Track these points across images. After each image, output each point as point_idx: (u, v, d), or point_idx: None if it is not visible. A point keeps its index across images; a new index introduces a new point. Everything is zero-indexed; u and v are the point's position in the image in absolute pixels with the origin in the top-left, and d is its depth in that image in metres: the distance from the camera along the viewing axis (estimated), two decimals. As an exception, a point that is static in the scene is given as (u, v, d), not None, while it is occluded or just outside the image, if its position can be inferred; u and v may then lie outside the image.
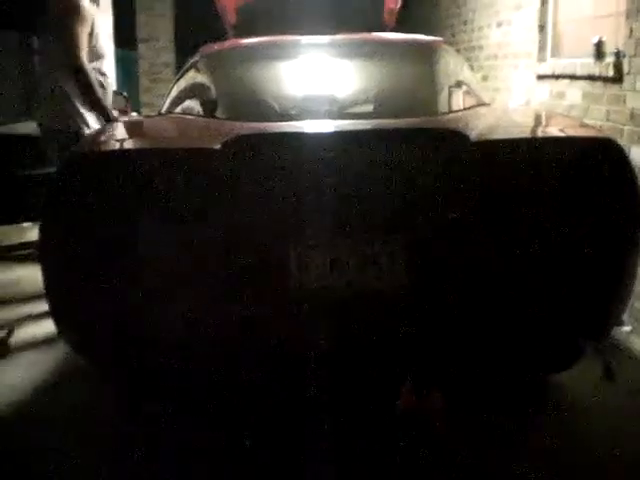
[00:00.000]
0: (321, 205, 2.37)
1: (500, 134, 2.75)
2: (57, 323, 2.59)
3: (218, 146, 2.41)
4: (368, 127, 2.77)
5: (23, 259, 5.13)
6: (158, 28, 9.96)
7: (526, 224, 2.46)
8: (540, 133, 2.98)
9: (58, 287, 2.51)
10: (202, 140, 2.69)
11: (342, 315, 2.44)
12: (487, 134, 2.65)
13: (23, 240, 5.50)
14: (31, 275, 4.26)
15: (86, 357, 2.73)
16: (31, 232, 5.24)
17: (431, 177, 2.43)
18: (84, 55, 3.90)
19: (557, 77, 5.03)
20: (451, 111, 3.20)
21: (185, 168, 2.40)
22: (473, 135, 2.53)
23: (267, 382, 2.57)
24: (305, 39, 3.74)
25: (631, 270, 2.62)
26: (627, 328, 3.80)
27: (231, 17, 5.49)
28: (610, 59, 4.20)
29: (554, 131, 3.00)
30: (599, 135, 2.75)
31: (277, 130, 2.71)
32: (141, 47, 10.12)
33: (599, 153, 2.52)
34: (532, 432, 2.78)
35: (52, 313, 2.56)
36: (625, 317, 3.71)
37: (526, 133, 2.88)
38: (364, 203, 2.39)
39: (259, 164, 2.39)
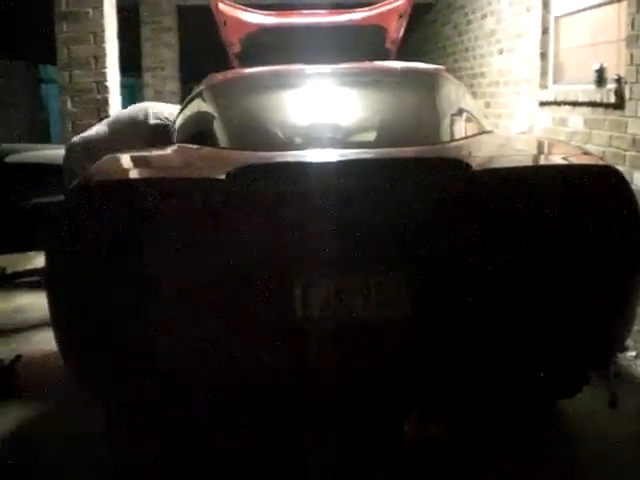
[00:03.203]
0: (325, 235, 2.38)
1: (502, 163, 2.77)
2: (62, 351, 2.60)
3: (222, 176, 2.43)
4: (371, 157, 2.78)
5: (29, 287, 5.16)
6: (164, 57, 10.08)
7: (528, 252, 2.46)
8: (541, 161, 2.99)
9: (64, 315, 2.53)
10: (206, 170, 2.72)
11: (346, 346, 2.44)
12: (489, 163, 2.67)
13: (29, 267, 5.53)
14: (36, 303, 4.29)
15: (89, 389, 2.74)
16: (37, 260, 5.26)
17: (434, 207, 2.44)
18: None
19: (559, 103, 5.07)
20: (453, 139, 3.22)
21: (189, 198, 2.42)
22: (475, 164, 2.55)
23: (271, 414, 2.57)
24: (308, 68, 3.77)
25: (634, 296, 2.62)
26: (631, 353, 3.80)
27: (235, 47, 5.54)
28: (611, 85, 4.24)
29: (555, 159, 3.02)
30: (599, 163, 2.77)
31: (280, 160, 2.74)
32: (147, 76, 10.23)
33: (600, 181, 2.53)
34: (533, 461, 2.77)
35: (57, 341, 2.58)
36: (629, 342, 3.71)
37: (528, 162, 2.89)
38: (367, 233, 2.40)
39: (263, 194, 2.41)
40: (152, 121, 4.20)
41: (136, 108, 4.48)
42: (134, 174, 2.90)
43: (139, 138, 4.06)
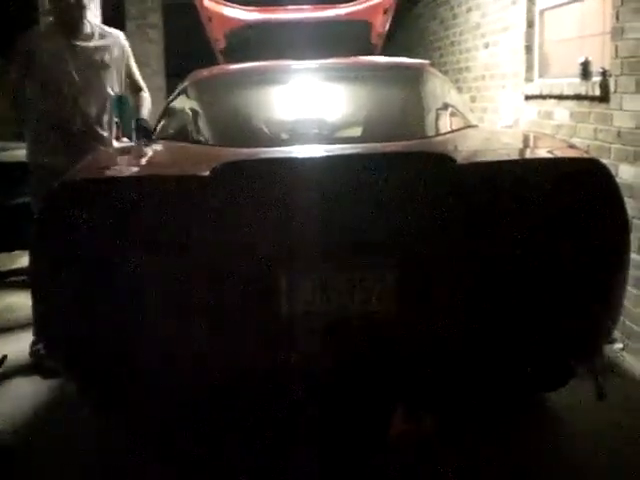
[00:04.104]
0: (310, 230, 2.37)
1: (487, 157, 2.77)
2: (46, 348, 2.59)
3: (207, 173, 2.42)
4: (356, 152, 2.78)
5: (16, 286, 5.13)
6: (149, 53, 10.03)
7: (514, 246, 2.47)
8: (526, 155, 3.00)
9: (47, 313, 2.52)
10: (191, 167, 2.71)
11: (331, 341, 2.44)
12: (474, 157, 2.67)
13: (15, 267, 5.50)
14: (24, 302, 4.26)
15: (72, 381, 2.74)
16: (23, 259, 5.24)
17: (419, 201, 2.44)
18: None
19: (545, 97, 5.07)
20: (438, 134, 3.22)
21: (174, 195, 2.41)
22: (460, 158, 2.55)
23: (257, 410, 2.57)
24: (293, 64, 3.77)
25: (620, 288, 2.63)
26: (618, 345, 3.81)
27: (220, 43, 5.54)
28: (596, 79, 4.24)
29: (540, 153, 3.03)
30: (584, 156, 2.77)
31: (265, 156, 2.73)
32: (132, 72, 10.17)
33: (584, 174, 2.54)
34: (520, 453, 2.79)
35: (41, 338, 2.57)
36: (616, 334, 3.73)
37: (513, 155, 2.90)
38: (352, 228, 2.40)
39: (247, 191, 2.40)
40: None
41: None
42: (118, 171, 2.89)
43: None
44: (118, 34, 4.09)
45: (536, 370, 2.65)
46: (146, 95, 4.25)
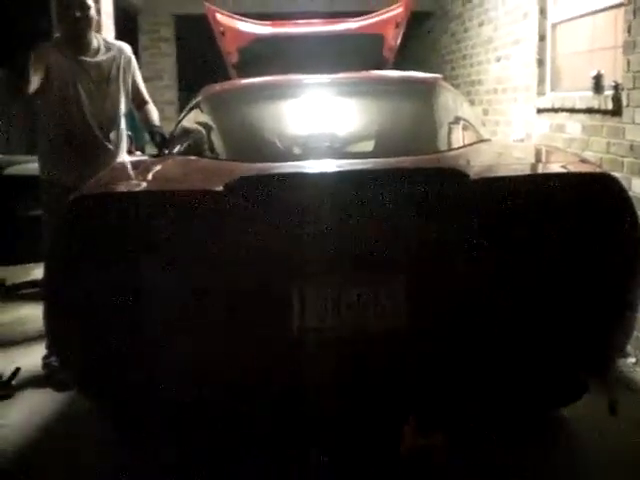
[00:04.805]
0: (322, 246, 2.38)
1: (500, 172, 2.77)
2: (60, 362, 2.61)
3: (220, 188, 2.44)
4: (368, 167, 2.78)
5: (28, 298, 5.16)
6: (162, 67, 10.08)
7: (527, 261, 2.47)
8: (539, 170, 3.00)
9: (59, 327, 2.53)
10: (204, 182, 2.72)
11: (344, 356, 2.45)
12: (487, 172, 2.67)
13: (28, 279, 5.53)
14: (36, 314, 4.28)
15: (87, 397, 2.75)
16: (36, 271, 5.27)
17: (432, 216, 2.44)
18: None
19: (557, 110, 5.07)
20: (451, 148, 3.22)
21: (187, 210, 2.42)
22: (473, 173, 2.55)
23: (269, 424, 2.57)
24: (306, 78, 3.78)
25: (633, 302, 2.63)
26: (631, 360, 3.80)
27: (233, 57, 5.55)
28: (609, 92, 4.24)
29: (553, 167, 3.03)
30: (597, 171, 2.77)
31: (278, 171, 2.74)
32: (145, 85, 10.22)
33: (597, 189, 2.54)
34: (532, 466, 2.78)
35: (53, 351, 2.58)
36: (629, 349, 3.71)
37: (525, 171, 2.90)
38: (365, 243, 2.40)
39: (261, 206, 2.41)
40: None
41: None
42: (132, 186, 2.90)
43: None
44: (122, 46, 4.08)
45: (549, 385, 2.64)
46: (152, 107, 4.25)
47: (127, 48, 4.09)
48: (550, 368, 2.57)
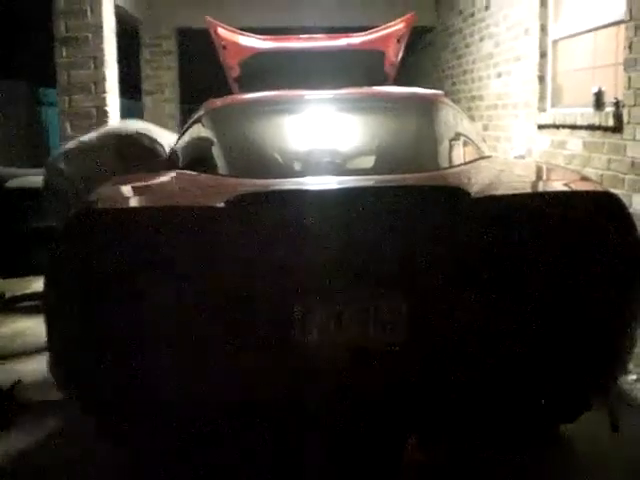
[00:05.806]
0: (324, 262, 2.38)
1: (501, 189, 2.78)
2: (57, 376, 2.59)
3: (221, 204, 2.44)
4: (369, 184, 2.79)
5: (28, 311, 5.15)
6: (164, 80, 10.12)
7: (528, 279, 2.46)
8: (540, 188, 3.00)
9: (61, 340, 2.53)
10: (205, 198, 2.72)
11: (344, 370, 2.44)
12: (488, 190, 2.68)
13: (28, 292, 5.52)
14: (36, 327, 4.27)
15: (87, 413, 2.74)
16: (35, 284, 5.26)
17: (433, 233, 2.44)
18: None
19: (558, 127, 5.09)
20: (452, 165, 3.23)
21: (188, 226, 2.42)
22: (474, 191, 2.56)
23: (271, 438, 2.56)
24: (307, 94, 3.78)
25: (634, 320, 2.62)
26: (633, 377, 3.78)
27: (234, 71, 5.57)
28: (610, 109, 4.26)
29: (554, 185, 3.03)
30: (598, 189, 2.77)
31: (279, 188, 2.74)
32: (146, 99, 10.27)
33: (599, 208, 2.54)
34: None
35: (53, 365, 2.57)
36: (630, 366, 3.70)
37: (526, 188, 2.90)
38: (366, 260, 2.40)
39: (262, 222, 2.42)
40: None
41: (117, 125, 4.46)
42: (134, 201, 2.91)
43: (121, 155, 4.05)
44: None
45: (551, 401, 2.63)
46: None
47: None
48: (552, 384, 2.56)
